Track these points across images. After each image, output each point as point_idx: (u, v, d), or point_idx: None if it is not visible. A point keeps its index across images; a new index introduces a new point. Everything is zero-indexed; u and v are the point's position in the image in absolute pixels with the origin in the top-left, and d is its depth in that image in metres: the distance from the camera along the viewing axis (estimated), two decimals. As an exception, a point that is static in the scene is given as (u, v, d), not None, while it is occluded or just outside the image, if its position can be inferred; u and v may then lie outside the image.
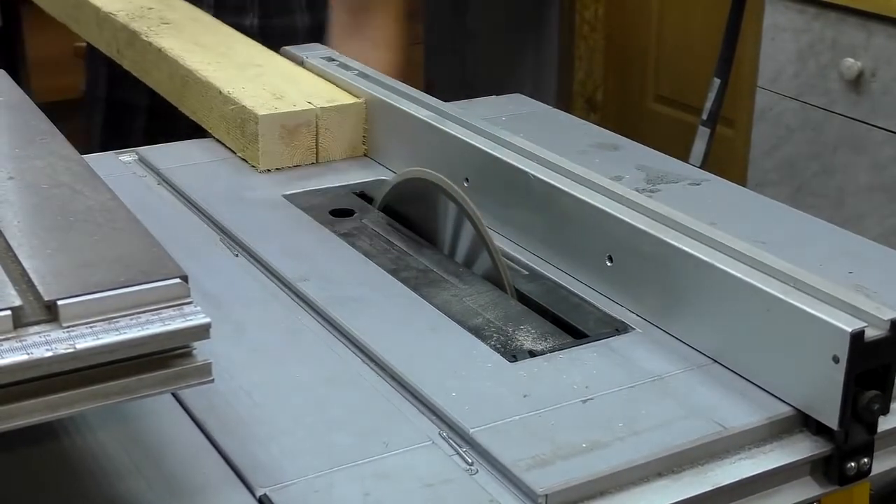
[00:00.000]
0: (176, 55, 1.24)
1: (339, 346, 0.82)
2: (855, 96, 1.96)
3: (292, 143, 1.11)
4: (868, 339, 0.69)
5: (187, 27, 1.35)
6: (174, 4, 1.45)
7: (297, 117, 1.11)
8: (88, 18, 1.46)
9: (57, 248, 0.65)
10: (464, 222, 0.93)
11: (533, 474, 0.66)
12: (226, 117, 1.15)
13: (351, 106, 1.14)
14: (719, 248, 0.79)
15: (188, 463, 0.69)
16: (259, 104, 1.11)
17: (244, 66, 1.22)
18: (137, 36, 1.32)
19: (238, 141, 1.13)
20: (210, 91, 1.17)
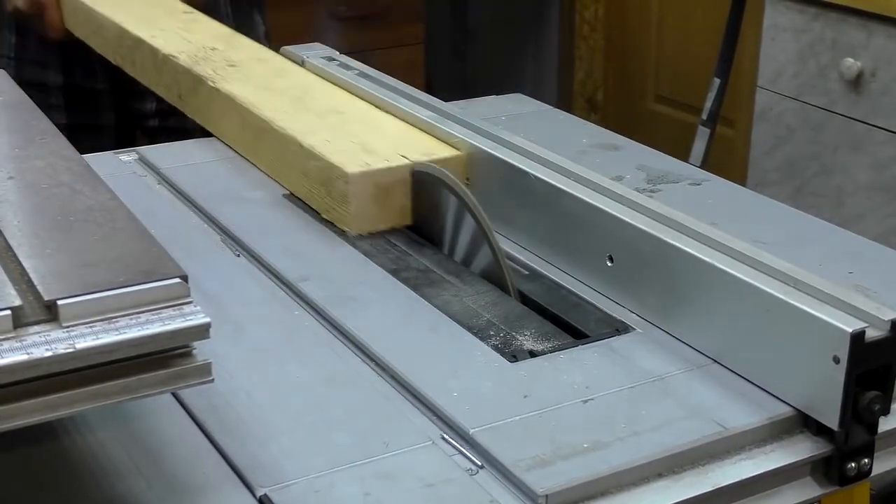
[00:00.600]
0: (248, 102, 1.12)
1: (339, 346, 0.82)
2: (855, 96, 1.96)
3: (386, 204, 0.97)
4: (868, 339, 0.69)
5: (256, 69, 1.22)
6: (237, 43, 1.31)
7: (391, 174, 0.97)
8: (146, 61, 1.30)
9: (57, 247, 0.65)
10: (465, 215, 0.93)
11: (533, 474, 0.65)
12: (308, 174, 1.02)
13: (450, 160, 1.00)
14: (720, 248, 0.79)
15: (188, 463, 0.68)
16: (347, 160, 0.97)
17: (323, 113, 1.10)
18: (203, 81, 1.18)
19: (323, 201, 1.00)
20: (289, 144, 1.04)
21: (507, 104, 1.34)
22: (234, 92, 1.14)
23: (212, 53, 1.25)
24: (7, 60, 1.55)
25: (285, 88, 1.16)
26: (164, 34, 1.31)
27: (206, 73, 1.19)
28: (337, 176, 0.97)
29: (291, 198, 1.05)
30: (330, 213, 0.99)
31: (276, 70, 1.23)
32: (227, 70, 1.20)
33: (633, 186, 1.00)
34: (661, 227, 0.82)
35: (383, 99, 1.12)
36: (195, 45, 1.27)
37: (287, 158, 1.05)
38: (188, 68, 1.21)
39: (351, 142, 1.02)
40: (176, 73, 1.24)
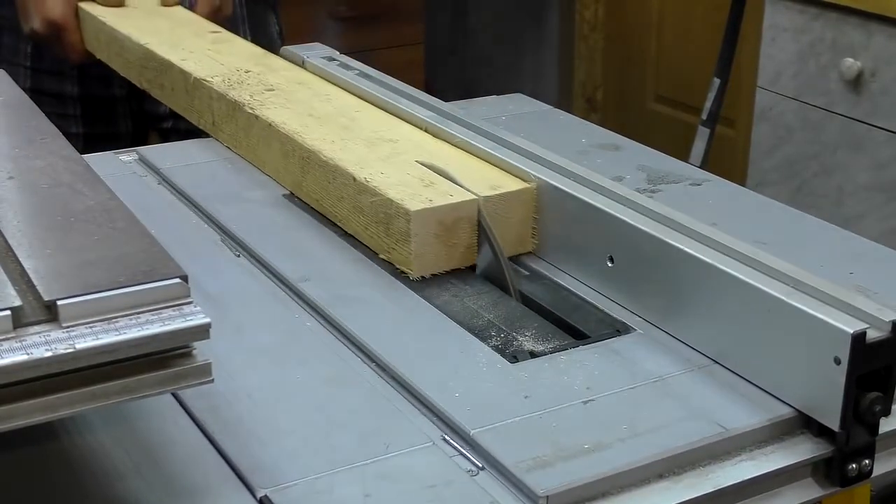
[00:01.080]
0: (291, 130, 1.04)
1: (339, 346, 0.81)
2: (855, 96, 1.96)
3: (450, 243, 0.89)
4: (869, 340, 0.68)
5: (296, 93, 1.14)
6: (273, 64, 1.24)
7: (455, 211, 0.89)
8: (176, 85, 1.23)
9: (57, 247, 0.65)
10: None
11: (534, 476, 0.65)
12: (363, 210, 0.93)
13: (519, 193, 0.92)
14: (720, 248, 0.79)
15: (188, 464, 0.68)
16: (408, 195, 0.89)
17: (374, 142, 1.01)
18: (240, 107, 1.11)
19: (380, 240, 0.92)
20: (340, 176, 0.96)
21: (508, 104, 1.34)
22: (275, 119, 1.06)
23: (246, 76, 1.18)
24: (23, 70, 1.50)
25: (330, 114, 1.09)
26: (193, 56, 1.24)
27: (243, 98, 1.12)
28: (396, 213, 0.88)
29: (291, 198, 1.05)
30: (388, 254, 0.91)
31: (317, 94, 1.15)
32: (265, 95, 1.13)
33: (633, 187, 1.00)
34: (662, 228, 0.82)
35: (384, 99, 1.12)
36: (228, 68, 1.20)
37: (337, 192, 0.97)
38: (223, 93, 1.14)
39: (408, 174, 0.93)
40: (209, 99, 1.17)
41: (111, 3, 1.39)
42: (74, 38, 1.39)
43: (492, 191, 0.91)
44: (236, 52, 1.27)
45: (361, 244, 0.96)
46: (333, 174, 0.97)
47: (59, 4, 1.37)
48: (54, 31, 1.38)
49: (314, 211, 1.02)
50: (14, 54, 1.50)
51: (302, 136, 1.02)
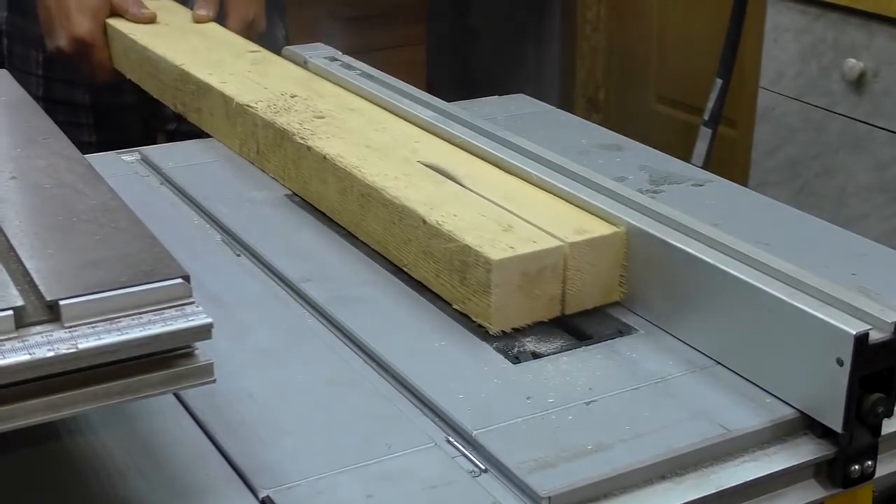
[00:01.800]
0: (348, 164, 0.95)
1: (341, 347, 0.81)
2: (856, 97, 1.96)
3: (533, 294, 0.81)
4: (872, 341, 0.68)
5: (348, 121, 1.06)
6: (320, 88, 1.16)
7: (540, 259, 0.80)
8: (215, 110, 1.16)
9: (59, 247, 0.65)
10: None
11: (536, 476, 0.65)
12: (433, 255, 0.85)
13: (608, 238, 0.83)
14: (723, 249, 0.79)
15: (190, 464, 0.68)
16: (486, 241, 0.81)
17: (440, 178, 0.93)
18: (289, 137, 1.03)
19: (454, 290, 0.83)
20: (407, 218, 0.87)
21: (509, 104, 1.34)
22: (329, 151, 0.98)
23: (293, 102, 1.10)
24: (35, 78, 1.45)
25: (389, 145, 1.00)
26: (234, 79, 1.17)
27: (292, 126, 1.04)
28: (475, 262, 0.80)
29: (293, 198, 1.05)
30: (463, 304, 0.82)
31: (371, 122, 1.07)
32: (316, 123, 1.05)
33: (635, 187, 1.00)
34: (664, 229, 0.82)
35: (386, 99, 1.11)
36: (272, 92, 1.13)
37: (403, 234, 0.88)
38: (270, 121, 1.06)
39: (482, 215, 0.85)
40: (254, 126, 1.09)
41: (143, 20, 1.33)
42: (102, 57, 1.33)
43: (578, 236, 0.82)
44: (279, 74, 1.20)
45: (364, 244, 0.95)
46: (399, 215, 0.88)
47: (86, 21, 1.31)
48: (81, 50, 1.32)
49: (316, 211, 1.02)
50: (25, 63, 1.46)
51: (361, 171, 0.93)
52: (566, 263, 0.81)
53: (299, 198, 1.04)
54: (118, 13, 1.34)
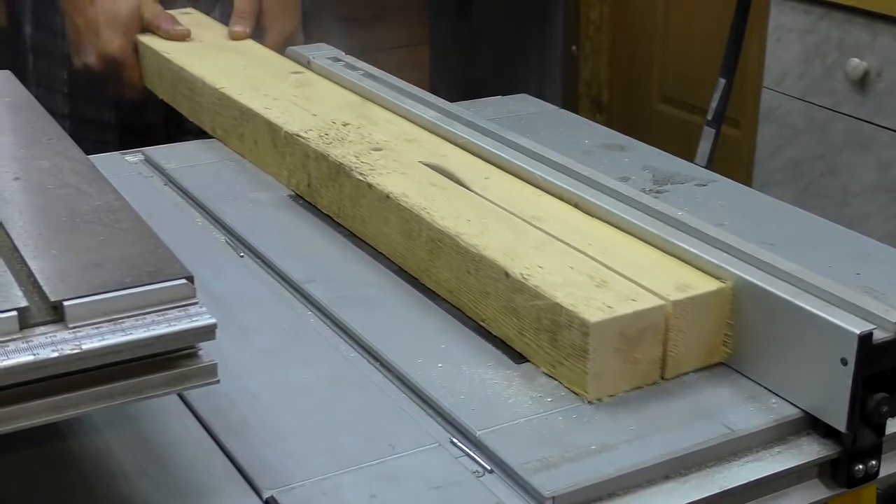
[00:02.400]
0: (416, 206, 0.87)
1: (345, 347, 0.81)
2: (860, 96, 1.96)
3: (632, 358, 0.73)
4: (876, 341, 0.68)
5: (407, 153, 0.98)
6: (372, 114, 1.08)
7: (640, 320, 0.73)
8: (260, 138, 1.08)
9: (63, 248, 0.65)
10: None
11: (540, 477, 0.65)
12: (517, 312, 0.77)
13: (714, 295, 0.75)
14: (727, 249, 0.79)
15: (194, 464, 0.68)
16: (580, 299, 0.73)
17: (518, 221, 0.85)
18: (345, 171, 0.95)
19: (542, 351, 0.76)
20: (486, 269, 0.79)
21: (513, 104, 1.34)
22: (392, 189, 0.90)
23: (346, 131, 1.03)
24: (61, 96, 1.42)
25: (458, 184, 0.92)
26: (279, 104, 1.10)
27: (348, 160, 0.96)
28: (568, 322, 0.72)
29: (296, 198, 1.05)
30: (552, 368, 0.75)
31: (433, 155, 0.98)
32: (373, 156, 0.97)
33: (639, 187, 1.00)
34: (668, 229, 0.82)
35: (388, 99, 1.11)
36: (322, 120, 1.05)
37: (480, 286, 0.81)
38: (323, 153, 0.98)
39: (572, 268, 0.78)
40: (305, 158, 1.01)
41: (176, 38, 1.29)
42: (133, 75, 1.29)
43: (681, 293, 0.74)
44: (326, 99, 1.12)
45: (367, 245, 0.95)
46: (477, 265, 0.80)
47: (117, 37, 1.27)
48: (111, 67, 1.28)
49: (319, 211, 1.02)
50: (51, 80, 1.42)
51: (430, 214, 0.85)
52: (668, 324, 0.74)
53: (302, 199, 1.04)
54: (150, 29, 1.30)
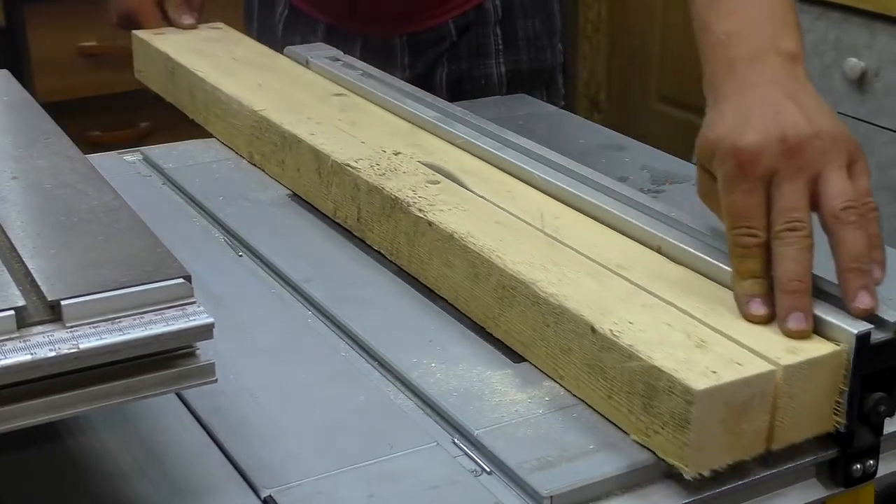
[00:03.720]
0: (484, 248, 0.79)
1: (343, 346, 0.81)
2: (858, 96, 1.96)
3: (736, 429, 0.65)
4: (874, 341, 0.68)
5: (469, 183, 0.91)
6: (425, 143, 1.01)
7: (748, 387, 0.65)
8: (304, 165, 1.01)
9: (60, 248, 0.65)
10: None
11: (538, 476, 0.65)
12: (603, 371, 0.70)
13: (827, 358, 0.68)
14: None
15: (192, 464, 0.68)
16: (680, 362, 0.66)
17: (597, 267, 0.78)
18: (403, 207, 0.87)
19: (633, 417, 0.68)
20: (568, 322, 0.72)
21: (511, 105, 1.34)
22: (457, 229, 0.82)
23: (398, 161, 0.95)
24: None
25: (524, 221, 0.85)
26: (322, 129, 1.03)
27: (405, 194, 0.88)
28: (667, 388, 0.65)
29: (295, 198, 1.05)
30: (648, 438, 0.67)
31: (496, 190, 0.91)
32: (432, 190, 0.89)
33: (637, 187, 1.00)
34: (666, 228, 0.82)
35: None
36: (371, 148, 0.98)
37: (560, 340, 0.73)
38: (376, 186, 0.91)
39: (666, 324, 0.70)
40: (355, 190, 0.94)
41: (180, 26, 1.32)
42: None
43: (792, 356, 0.67)
44: (374, 124, 1.05)
45: (364, 244, 0.95)
46: (557, 317, 0.73)
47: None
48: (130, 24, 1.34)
49: (317, 211, 1.02)
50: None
51: (501, 258, 0.78)
52: (777, 390, 0.66)
53: (300, 198, 1.04)
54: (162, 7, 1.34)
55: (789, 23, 0.80)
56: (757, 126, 0.74)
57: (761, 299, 0.72)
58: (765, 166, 0.73)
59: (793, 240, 0.72)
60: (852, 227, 0.72)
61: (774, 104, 0.75)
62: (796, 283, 0.71)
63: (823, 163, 0.73)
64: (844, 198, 0.73)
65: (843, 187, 0.73)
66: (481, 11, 1.38)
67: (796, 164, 0.73)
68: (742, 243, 0.73)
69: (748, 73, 0.78)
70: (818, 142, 0.73)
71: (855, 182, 0.74)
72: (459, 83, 1.39)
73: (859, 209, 0.73)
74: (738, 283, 0.73)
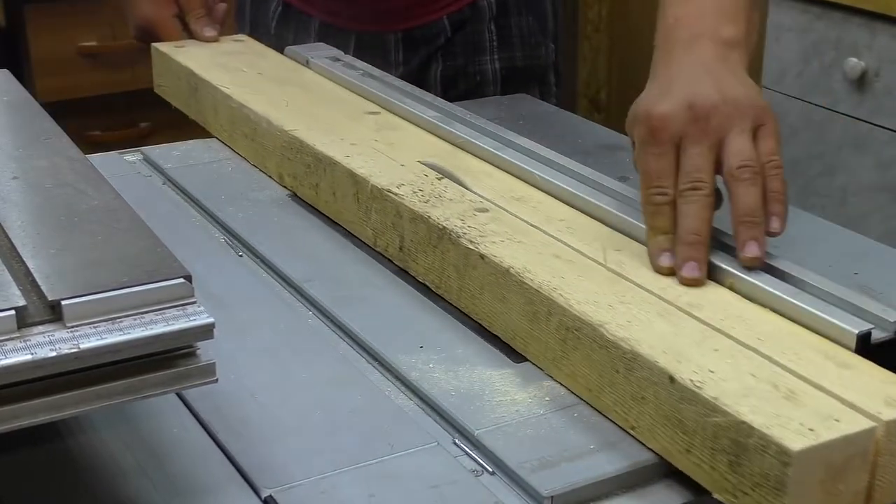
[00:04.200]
0: (543, 284, 0.74)
1: (344, 346, 0.81)
2: (859, 96, 1.96)
3: (834, 490, 0.60)
4: (874, 340, 0.68)
5: (519, 215, 0.86)
6: (468, 165, 0.95)
7: (849, 445, 0.60)
8: (340, 190, 0.95)
9: (61, 247, 0.65)
10: None
11: (538, 476, 0.65)
12: (682, 424, 0.64)
13: None
14: (724, 248, 0.79)
15: (193, 464, 0.68)
16: (772, 417, 0.60)
17: (667, 307, 0.73)
18: (452, 237, 0.82)
19: (718, 475, 0.63)
20: (641, 368, 0.67)
21: (511, 104, 1.34)
22: (513, 263, 0.77)
23: (443, 186, 0.90)
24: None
25: (584, 254, 0.80)
26: (359, 150, 0.97)
27: (453, 224, 0.83)
28: (759, 447, 0.60)
29: (295, 198, 1.05)
30: (735, 498, 0.62)
31: (549, 218, 0.85)
32: (480, 219, 0.84)
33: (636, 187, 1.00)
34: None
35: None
36: (413, 171, 0.93)
37: (632, 388, 0.68)
38: (421, 214, 0.85)
39: (750, 373, 0.65)
40: (397, 217, 0.89)
41: (200, 39, 1.29)
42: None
43: (893, 410, 0.61)
44: (412, 146, 1.00)
45: (365, 244, 0.95)
46: (629, 364, 0.68)
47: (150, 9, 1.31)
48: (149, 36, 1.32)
49: (317, 211, 1.01)
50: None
51: (564, 296, 0.73)
52: (878, 448, 0.61)
53: (301, 198, 1.04)
54: (182, 19, 1.32)
55: (737, 13, 0.86)
56: (671, 97, 0.80)
57: (670, 253, 0.77)
58: (672, 131, 0.79)
59: (694, 198, 0.77)
60: (746, 184, 0.77)
61: (693, 79, 0.81)
62: (693, 237, 0.76)
63: (728, 127, 0.79)
64: (741, 157, 0.78)
65: (741, 148, 0.78)
66: (476, 8, 1.38)
67: (702, 128, 0.78)
68: (653, 201, 0.79)
69: (681, 55, 0.84)
70: (724, 108, 0.79)
71: (759, 143, 0.79)
72: (454, 80, 1.39)
73: (755, 167, 0.78)
74: (651, 238, 0.79)
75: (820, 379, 0.65)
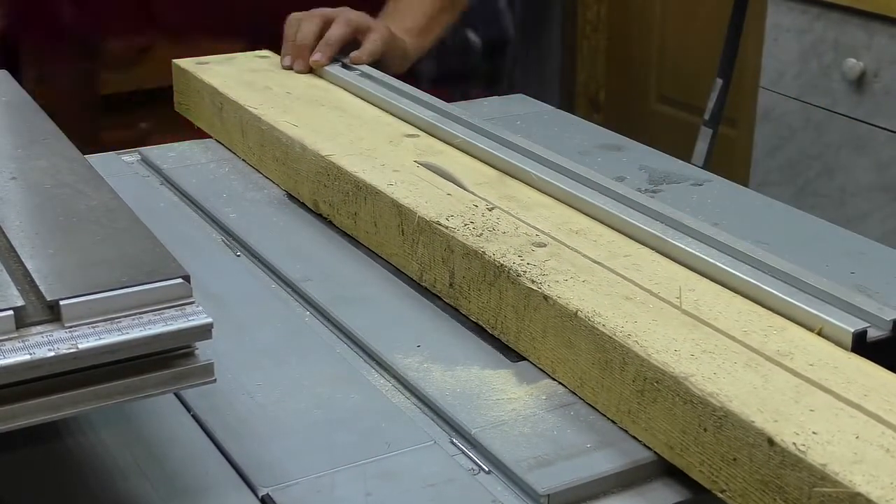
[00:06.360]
0: (617, 330, 0.69)
1: (341, 345, 0.82)
2: (857, 97, 1.96)
3: None
4: (870, 339, 0.69)
5: (581, 250, 0.80)
6: (517, 193, 0.90)
7: None
8: (383, 221, 0.90)
9: (59, 248, 0.65)
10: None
11: (535, 474, 0.65)
12: (783, 491, 0.58)
13: None
14: (722, 248, 0.79)
15: (191, 463, 0.69)
16: (889, 488, 0.54)
17: (759, 363, 0.66)
18: (510, 275, 0.77)
19: None
20: (732, 427, 0.61)
21: (510, 105, 1.34)
22: (580, 305, 0.72)
23: (495, 218, 0.84)
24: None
25: (658, 296, 0.73)
26: (401, 178, 0.91)
27: (509, 260, 0.77)
28: None
29: (293, 198, 1.05)
30: None
31: (613, 253, 0.80)
32: (538, 255, 0.78)
33: (635, 187, 1.00)
34: (663, 228, 0.82)
35: (387, 100, 1.11)
36: (461, 201, 0.87)
37: (722, 448, 0.62)
38: (474, 249, 0.79)
39: (856, 435, 0.59)
40: (447, 252, 0.83)
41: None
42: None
43: None
44: (458, 172, 0.94)
45: (368, 248, 0.95)
46: (718, 422, 0.61)
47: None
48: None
49: (316, 212, 1.02)
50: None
51: (641, 344, 0.67)
52: None
53: (298, 199, 1.04)
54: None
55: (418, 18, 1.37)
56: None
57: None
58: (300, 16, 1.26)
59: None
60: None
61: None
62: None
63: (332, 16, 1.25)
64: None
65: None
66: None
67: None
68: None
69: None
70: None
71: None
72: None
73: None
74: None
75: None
